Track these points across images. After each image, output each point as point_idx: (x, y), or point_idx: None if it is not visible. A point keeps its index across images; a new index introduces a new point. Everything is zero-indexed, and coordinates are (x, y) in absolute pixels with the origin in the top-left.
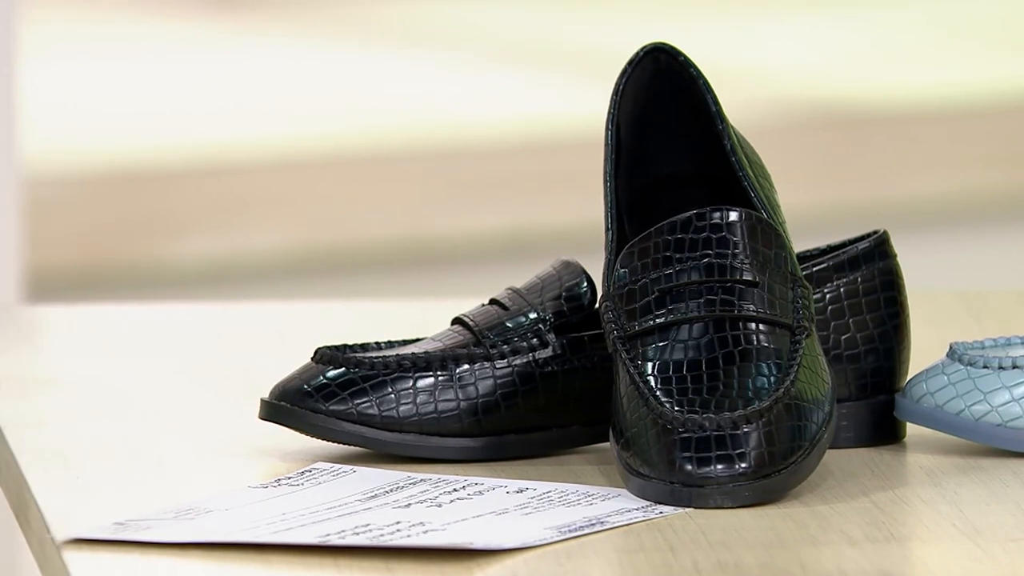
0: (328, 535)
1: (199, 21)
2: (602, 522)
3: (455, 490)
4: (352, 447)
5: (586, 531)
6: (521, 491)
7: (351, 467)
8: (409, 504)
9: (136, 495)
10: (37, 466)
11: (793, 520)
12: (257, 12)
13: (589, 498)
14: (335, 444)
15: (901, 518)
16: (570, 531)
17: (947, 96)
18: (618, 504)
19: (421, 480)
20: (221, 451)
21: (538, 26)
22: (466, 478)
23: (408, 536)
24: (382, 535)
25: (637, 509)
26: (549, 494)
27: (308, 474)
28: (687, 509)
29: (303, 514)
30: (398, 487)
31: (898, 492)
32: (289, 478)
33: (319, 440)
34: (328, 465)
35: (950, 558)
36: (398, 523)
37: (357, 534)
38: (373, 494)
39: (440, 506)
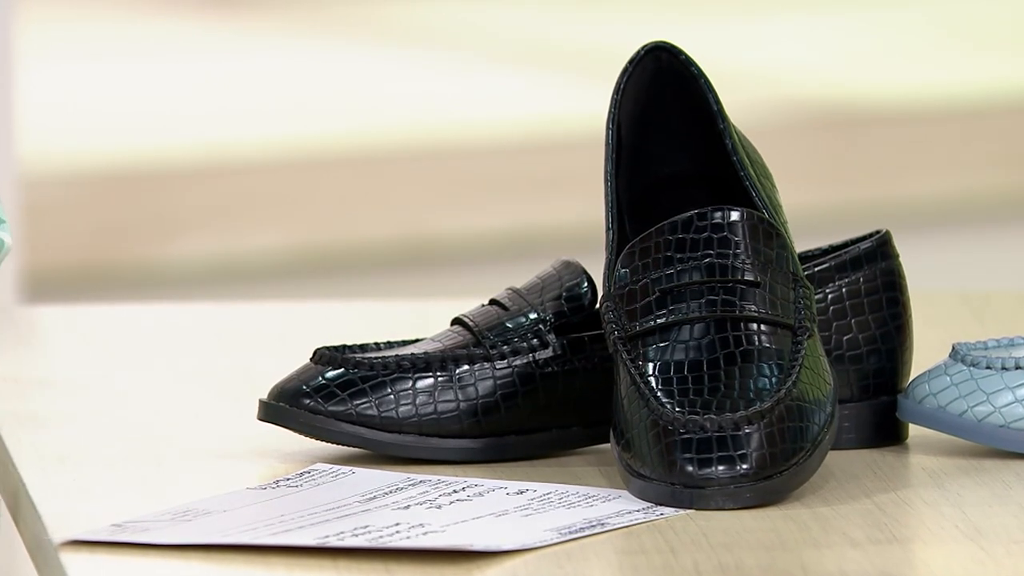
0: (327, 537)
1: (198, 21)
2: (603, 523)
3: (454, 491)
4: (351, 448)
5: (587, 532)
6: (521, 492)
7: (350, 468)
8: (408, 506)
9: (134, 496)
10: (35, 467)
11: (795, 522)
12: (255, 11)
13: (589, 500)
14: (334, 445)
15: (903, 520)
16: (571, 532)
17: (950, 96)
18: (619, 506)
19: (420, 481)
20: (220, 452)
21: (538, 26)
22: (466, 479)
23: (408, 538)
24: (381, 536)
25: (638, 511)
26: (549, 495)
27: (307, 475)
28: (689, 511)
29: (302, 515)
30: (397, 488)
31: (900, 494)
32: (288, 479)
33: (318, 441)
34: (327, 466)
35: (953, 560)
36: (397, 524)
37: (356, 535)
38: (372, 495)
39: (440, 507)
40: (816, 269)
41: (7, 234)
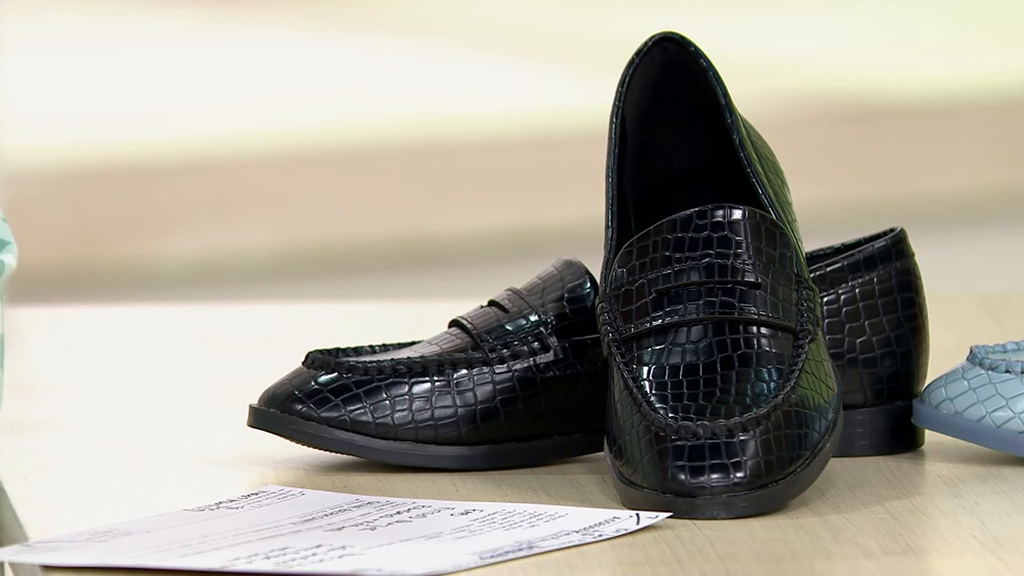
0: (237, 559)
1: (184, 11)
2: (531, 546)
3: (397, 512)
4: (345, 456)
5: (510, 556)
6: (466, 513)
7: (300, 489)
8: (343, 527)
9: (118, 506)
10: (15, 476)
11: (806, 531)
12: (244, 2)
13: (533, 519)
14: (327, 453)
15: (919, 529)
16: (492, 556)
17: (968, 89)
18: (560, 526)
19: (368, 503)
20: (208, 460)
21: (541, 15)
22: (414, 500)
23: (321, 561)
24: (294, 560)
25: (576, 531)
26: (493, 516)
27: (252, 497)
28: (696, 521)
29: (225, 537)
30: (340, 510)
31: (916, 502)
32: (231, 501)
33: (311, 448)
34: (277, 488)
35: (970, 572)
36: (318, 547)
37: (268, 558)
38: (310, 517)
39: (374, 529)
40: (828, 269)
41: (11, 256)
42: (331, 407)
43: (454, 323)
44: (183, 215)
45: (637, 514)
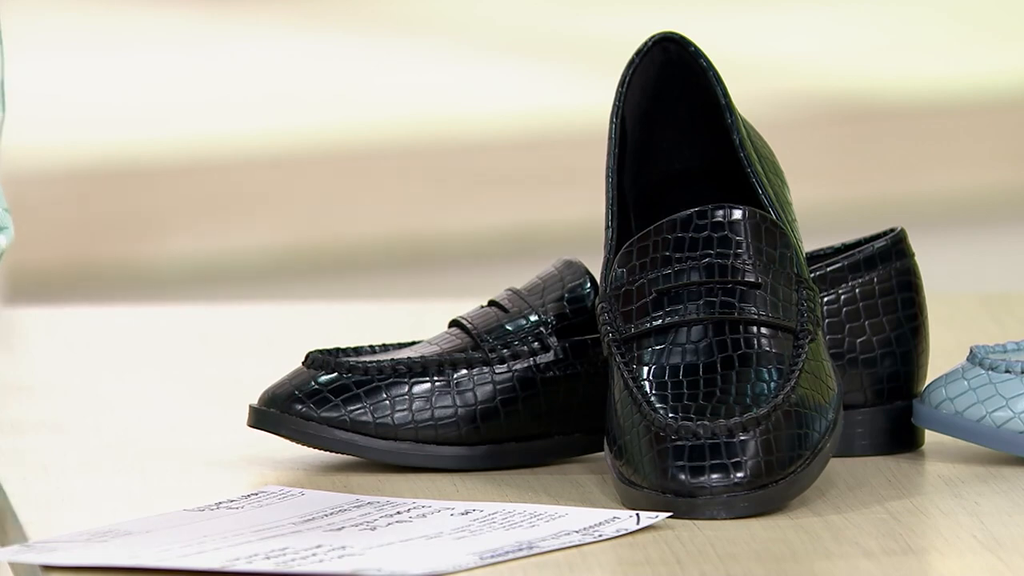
0: (237, 559)
1: (184, 11)
2: (531, 546)
3: (397, 512)
4: (345, 456)
5: (511, 556)
6: (466, 513)
7: (300, 490)
8: (343, 527)
9: (119, 506)
10: (16, 476)
11: (806, 531)
12: (244, 1)
13: (533, 519)
14: (327, 453)
15: (919, 529)
16: (493, 556)
17: (968, 89)
18: (560, 526)
19: (368, 503)
20: (208, 460)
21: (542, 15)
22: (414, 500)
23: (321, 561)
24: (294, 560)
25: (576, 531)
26: (493, 516)
27: (252, 497)
28: (696, 521)
29: (225, 537)
30: (341, 510)
31: (916, 502)
32: (231, 501)
33: (311, 448)
34: (277, 488)
35: (970, 572)
36: (318, 547)
37: (268, 559)
38: (310, 517)
39: (374, 529)
40: (828, 269)
41: (4, 238)
42: (331, 407)
43: (454, 323)
44: (183, 215)
45: (637, 514)
